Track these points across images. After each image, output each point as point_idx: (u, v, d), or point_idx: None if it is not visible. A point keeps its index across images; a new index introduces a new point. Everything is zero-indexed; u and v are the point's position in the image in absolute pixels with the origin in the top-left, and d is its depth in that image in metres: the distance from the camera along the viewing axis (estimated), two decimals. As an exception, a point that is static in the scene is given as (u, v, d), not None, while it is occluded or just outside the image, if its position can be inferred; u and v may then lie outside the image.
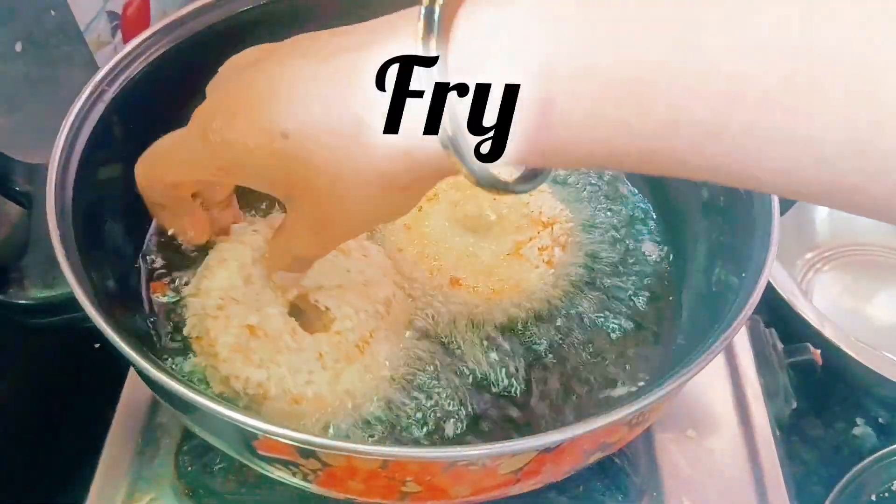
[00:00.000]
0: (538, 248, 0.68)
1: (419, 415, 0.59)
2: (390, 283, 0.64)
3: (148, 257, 0.67)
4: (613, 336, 0.65)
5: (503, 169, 0.39)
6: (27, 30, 0.75)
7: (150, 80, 0.66)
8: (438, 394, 0.60)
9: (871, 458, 0.80)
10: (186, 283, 0.63)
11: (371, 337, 0.59)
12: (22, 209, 0.61)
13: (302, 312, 0.60)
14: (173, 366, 0.59)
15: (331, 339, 0.58)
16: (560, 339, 0.65)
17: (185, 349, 0.59)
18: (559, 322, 0.65)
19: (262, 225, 0.61)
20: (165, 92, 0.69)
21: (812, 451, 0.89)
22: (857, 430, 0.90)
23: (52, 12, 0.78)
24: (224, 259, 0.59)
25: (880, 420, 0.91)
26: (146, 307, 0.64)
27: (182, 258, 0.65)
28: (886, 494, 0.79)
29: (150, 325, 0.63)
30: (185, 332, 0.59)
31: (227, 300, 0.56)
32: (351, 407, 0.58)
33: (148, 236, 0.68)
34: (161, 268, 0.66)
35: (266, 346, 0.55)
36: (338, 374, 0.57)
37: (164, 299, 0.63)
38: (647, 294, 0.68)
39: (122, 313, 0.58)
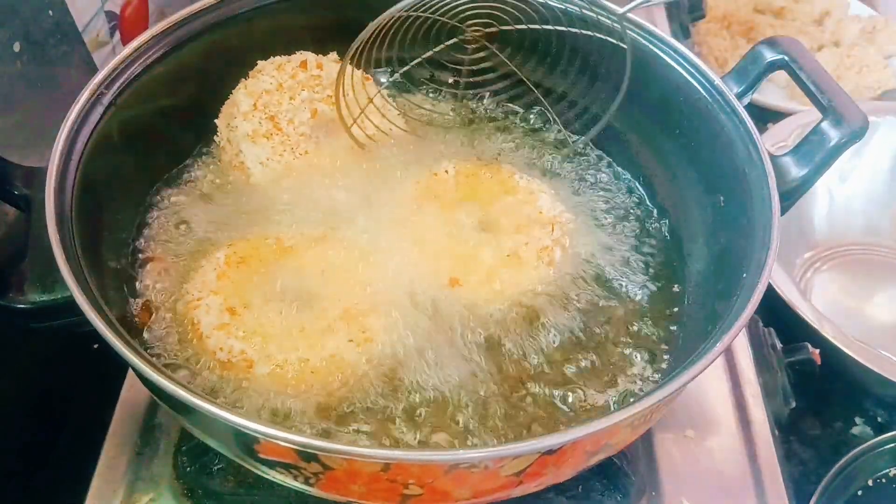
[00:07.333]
0: (538, 249, 0.68)
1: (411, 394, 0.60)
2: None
3: (142, 259, 0.67)
4: (613, 337, 0.65)
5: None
6: (25, 29, 0.75)
7: (148, 82, 0.66)
8: (428, 381, 0.61)
9: (860, 447, 0.79)
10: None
11: (356, 311, 0.63)
12: (20, 212, 0.61)
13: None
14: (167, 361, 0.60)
15: (314, 314, 0.63)
16: (560, 339, 0.65)
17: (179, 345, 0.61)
18: (559, 322, 0.65)
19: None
20: (164, 94, 0.69)
21: (810, 450, 0.89)
22: (855, 430, 0.90)
23: (50, 12, 0.78)
24: (200, 265, 0.65)
25: (879, 419, 0.91)
26: (141, 306, 0.64)
27: (173, 258, 0.67)
28: (883, 481, 0.79)
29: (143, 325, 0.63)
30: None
31: (204, 293, 0.63)
32: (338, 373, 0.60)
33: (144, 236, 0.69)
34: (154, 273, 0.66)
35: (248, 322, 0.61)
36: (322, 341, 0.61)
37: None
38: (647, 295, 0.68)
39: (118, 315, 0.58)
